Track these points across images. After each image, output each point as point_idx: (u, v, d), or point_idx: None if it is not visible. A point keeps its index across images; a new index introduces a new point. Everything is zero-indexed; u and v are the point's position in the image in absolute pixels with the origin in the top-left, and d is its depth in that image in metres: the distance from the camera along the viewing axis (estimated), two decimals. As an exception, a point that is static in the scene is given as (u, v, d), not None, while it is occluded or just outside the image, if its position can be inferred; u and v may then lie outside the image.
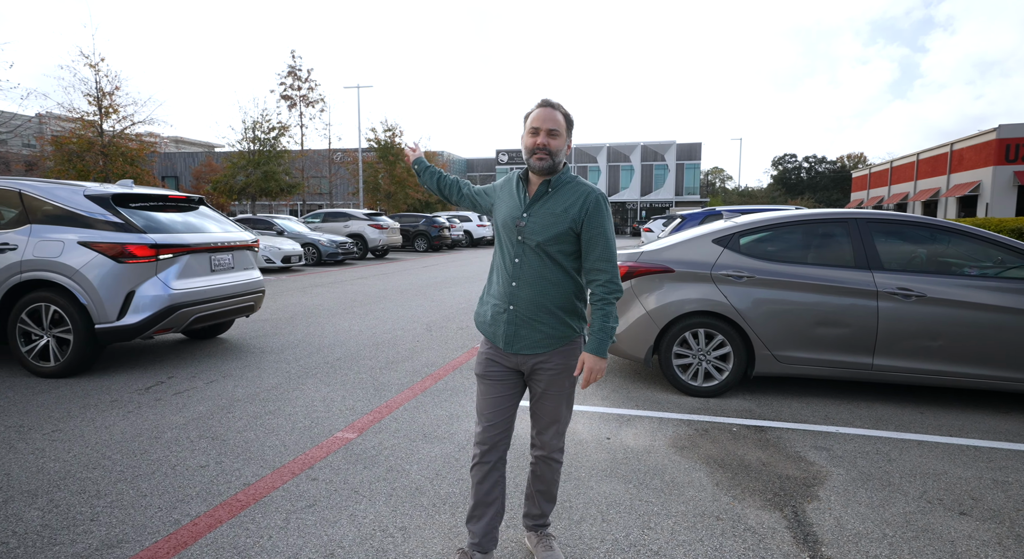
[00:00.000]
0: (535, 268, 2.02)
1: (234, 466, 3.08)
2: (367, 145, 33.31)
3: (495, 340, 2.09)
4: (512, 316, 2.04)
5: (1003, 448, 3.38)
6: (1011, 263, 4.01)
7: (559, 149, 1.99)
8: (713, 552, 2.32)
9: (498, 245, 2.13)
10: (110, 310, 4.68)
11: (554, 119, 1.98)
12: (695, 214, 9.42)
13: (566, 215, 1.99)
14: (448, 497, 2.77)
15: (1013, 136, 28.77)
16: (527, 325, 2.04)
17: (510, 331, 2.05)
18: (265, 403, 4.14)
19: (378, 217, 19.59)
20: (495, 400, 2.11)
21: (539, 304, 2.02)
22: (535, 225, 2.00)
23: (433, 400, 4.25)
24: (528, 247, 2.01)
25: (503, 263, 2.08)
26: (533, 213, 2.02)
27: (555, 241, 1.99)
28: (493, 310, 2.10)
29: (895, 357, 3.98)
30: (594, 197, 2.00)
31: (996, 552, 2.31)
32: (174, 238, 5.07)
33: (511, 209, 2.07)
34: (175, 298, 4.93)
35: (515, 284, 2.03)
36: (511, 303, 2.04)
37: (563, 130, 2.00)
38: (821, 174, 78.70)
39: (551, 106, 2.01)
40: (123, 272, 4.72)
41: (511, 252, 2.05)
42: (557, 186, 2.03)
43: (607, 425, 3.76)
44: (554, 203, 2.01)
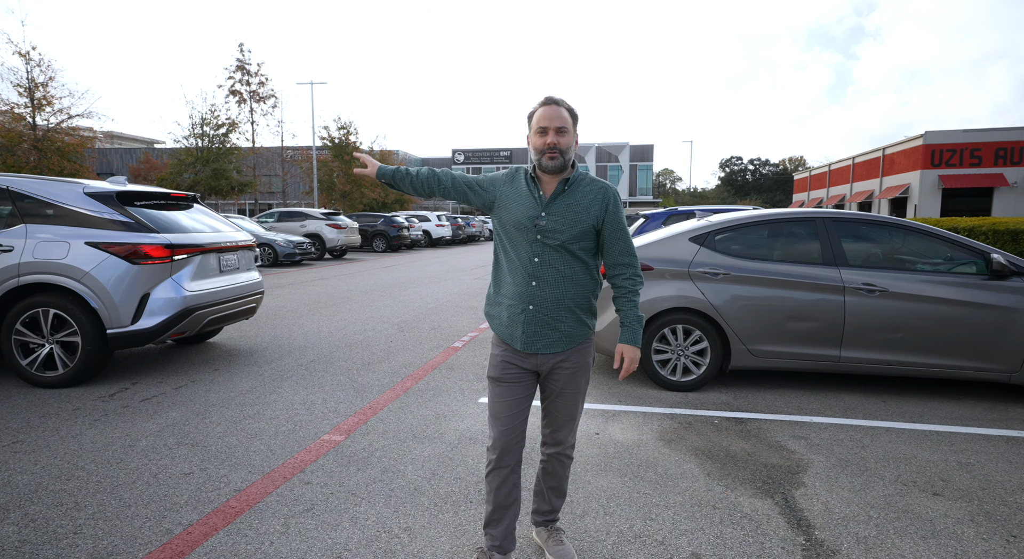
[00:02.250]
0: (556, 267, 1.99)
1: (220, 472, 2.97)
2: (321, 143, 32.52)
3: (512, 341, 2.06)
4: (532, 316, 2.01)
5: (961, 432, 3.62)
6: (961, 259, 4.31)
7: (569, 146, 1.98)
8: (715, 539, 2.40)
9: (509, 244, 2.07)
10: (124, 314, 4.40)
11: (561, 116, 1.96)
12: (658, 214, 9.65)
13: (588, 212, 1.99)
14: (448, 496, 2.75)
15: (938, 142, 30.81)
16: (547, 325, 2.02)
17: (529, 332, 2.02)
18: (242, 407, 4.00)
19: (336, 217, 19.17)
20: (512, 403, 2.08)
21: (560, 303, 2.00)
22: (558, 224, 1.97)
23: (417, 401, 4.20)
24: (549, 246, 1.99)
25: (519, 263, 2.02)
26: (553, 212, 1.99)
27: (578, 239, 1.98)
28: (510, 311, 2.05)
29: (860, 349, 4.21)
30: (612, 193, 2.03)
31: (970, 528, 2.49)
32: (187, 238, 4.84)
33: (525, 208, 2.02)
34: (190, 300, 4.69)
35: (535, 284, 2.00)
36: (531, 303, 2.01)
37: (570, 126, 1.99)
38: (765, 176, 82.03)
39: (556, 103, 1.98)
40: (137, 274, 4.45)
41: (528, 251, 2.01)
42: (573, 184, 2.02)
43: (594, 421, 3.82)
44: (573, 201, 2.00)
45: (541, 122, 1.97)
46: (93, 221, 4.50)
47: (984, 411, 4.03)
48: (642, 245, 4.64)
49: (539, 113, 1.99)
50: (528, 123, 2.05)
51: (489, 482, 2.13)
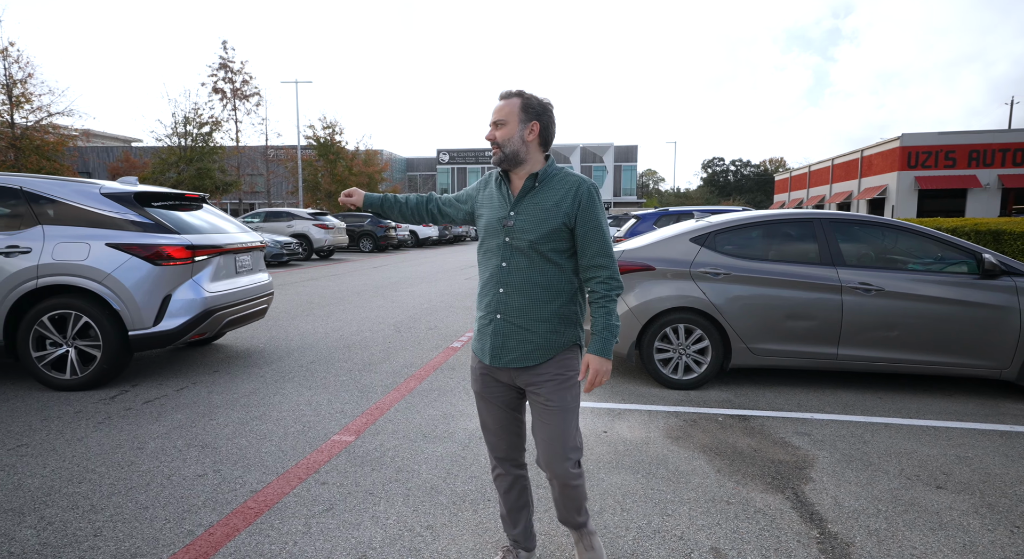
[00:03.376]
0: (524, 271, 1.84)
1: (234, 473, 2.95)
2: (306, 142, 32.23)
3: (481, 355, 1.93)
4: (500, 326, 1.87)
5: (958, 427, 3.74)
6: (952, 259, 4.44)
7: (507, 138, 1.83)
8: (732, 534, 2.45)
9: (483, 251, 1.94)
10: (146, 316, 4.39)
11: (500, 109, 1.85)
12: (649, 214, 9.78)
13: (557, 209, 1.82)
14: (466, 494, 2.77)
15: (914, 144, 31.53)
16: (516, 335, 1.86)
17: (496, 342, 1.88)
18: (248, 409, 3.98)
19: (323, 217, 19.03)
20: (497, 415, 2.00)
21: (529, 311, 1.84)
22: (524, 222, 1.83)
23: (423, 400, 4.21)
24: (517, 248, 1.84)
25: (489, 270, 1.90)
26: (520, 210, 1.85)
27: (548, 239, 1.82)
28: (480, 323, 1.95)
29: (857, 347, 4.32)
30: (586, 187, 1.84)
31: (975, 520, 2.58)
32: (206, 239, 4.83)
33: (495, 209, 1.91)
34: (210, 302, 4.69)
35: (503, 291, 1.86)
36: (498, 312, 1.87)
37: (512, 116, 1.83)
38: (747, 177, 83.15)
39: (503, 97, 1.87)
40: (160, 275, 4.43)
41: (498, 256, 1.87)
42: (544, 179, 1.87)
43: (601, 419, 3.86)
44: (543, 197, 1.85)
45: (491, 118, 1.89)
46: (112, 222, 4.46)
47: (977, 406, 4.15)
48: (644, 246, 4.70)
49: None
50: None
51: (498, 486, 2.10)
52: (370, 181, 34.23)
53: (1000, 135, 30.91)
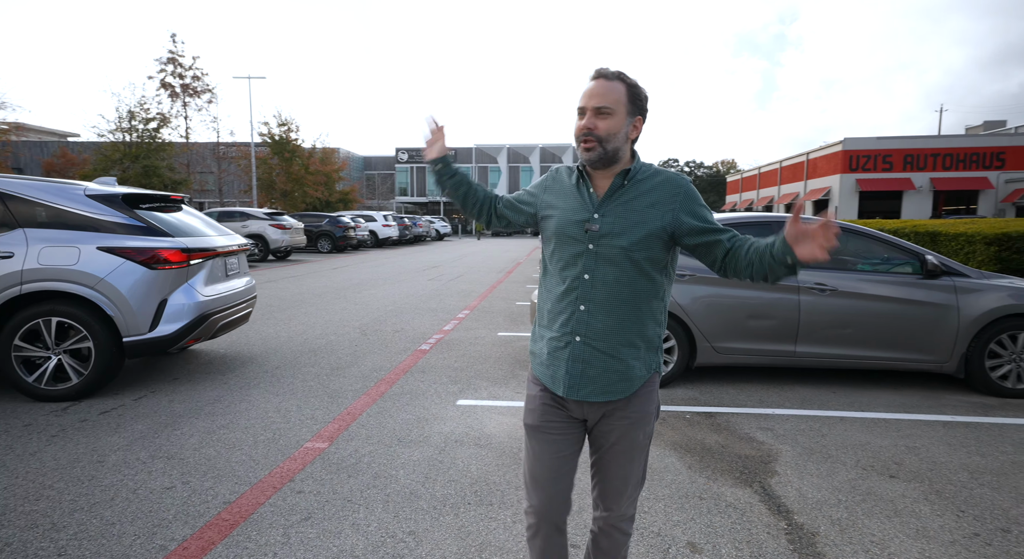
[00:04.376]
0: (611, 286, 1.54)
1: (204, 485, 2.87)
2: (260, 140, 31.29)
3: (553, 385, 1.60)
4: (578, 350, 1.56)
5: (906, 419, 3.98)
6: (898, 260, 4.72)
7: (612, 133, 1.51)
8: (706, 528, 2.55)
9: (554, 260, 1.63)
10: (142, 321, 4.25)
11: (603, 93, 1.51)
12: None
13: (654, 211, 1.54)
14: (447, 499, 2.78)
15: (855, 148, 33.14)
16: (598, 362, 1.55)
17: (575, 370, 1.56)
18: (213, 417, 3.85)
19: (280, 216, 18.52)
20: (554, 462, 1.61)
21: (615, 334, 1.55)
22: (613, 226, 1.53)
23: (395, 405, 4.18)
24: (603, 257, 1.54)
25: (565, 282, 1.58)
26: (607, 212, 1.55)
27: (642, 246, 1.52)
28: (551, 346, 1.61)
29: (813, 344, 4.53)
30: (686, 184, 1.58)
31: (926, 507, 2.76)
32: (199, 242, 4.72)
33: (573, 210, 1.59)
34: (205, 305, 4.60)
35: (584, 308, 1.55)
36: (576, 333, 1.56)
37: (620, 106, 1.52)
38: (700, 178, 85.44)
39: (602, 76, 1.54)
40: (156, 279, 4.31)
41: (577, 266, 1.56)
42: (635, 177, 1.58)
43: (574, 419, 3.92)
44: (635, 198, 1.56)
45: (581, 100, 1.55)
46: (102, 225, 4.30)
47: (921, 399, 4.43)
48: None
49: (583, 90, 1.56)
50: None
51: (531, 547, 1.71)
52: (327, 180, 33.53)
53: (931, 140, 32.82)
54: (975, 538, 2.46)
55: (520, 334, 6.83)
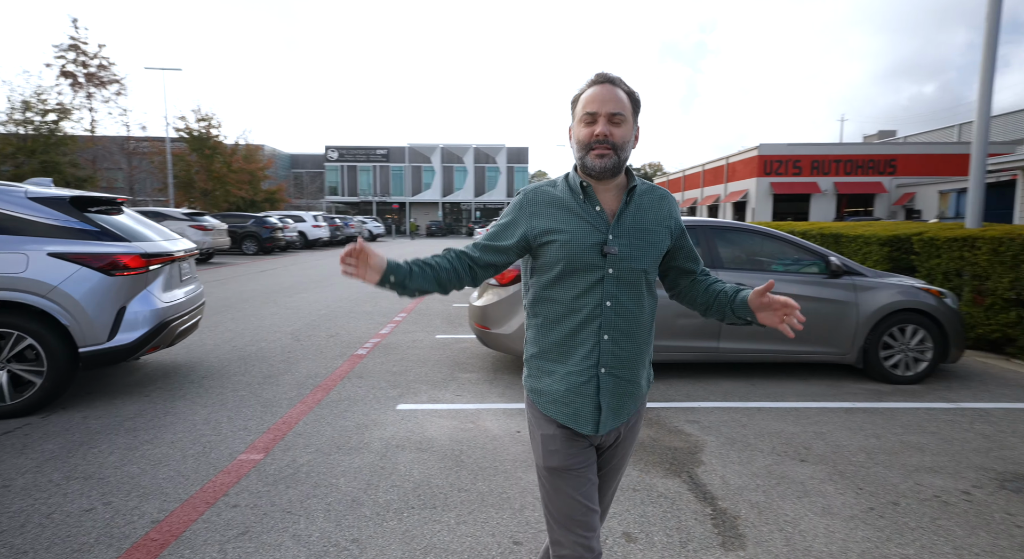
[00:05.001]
0: (632, 310, 1.47)
1: (129, 504, 2.73)
2: (177, 135, 29.44)
3: (577, 424, 1.47)
4: (606, 383, 1.47)
5: (813, 407, 4.35)
6: (806, 261, 5.14)
7: (626, 140, 1.45)
8: (640, 518, 2.70)
9: (560, 290, 1.48)
10: (99, 330, 4.04)
11: (616, 99, 1.43)
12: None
13: (660, 228, 1.52)
14: (390, 504, 2.79)
15: (769, 154, 35.36)
16: (623, 390, 1.49)
17: (606, 405, 1.47)
18: (134, 433, 3.65)
19: (201, 217, 17.54)
20: (588, 494, 1.47)
21: (637, 359, 1.50)
22: (630, 248, 1.46)
23: (332, 412, 4.11)
24: (623, 282, 1.45)
25: (579, 311, 1.46)
26: (622, 233, 1.46)
27: (655, 265, 1.52)
28: (569, 382, 1.47)
29: (734, 341, 4.86)
30: (671, 198, 1.58)
31: (831, 486, 3.05)
32: (156, 246, 4.52)
33: (585, 233, 1.45)
34: (165, 312, 4.42)
35: (608, 337, 1.45)
36: (602, 365, 1.46)
37: (629, 114, 1.45)
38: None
39: (611, 82, 1.45)
40: (114, 286, 4.09)
41: (597, 294, 1.45)
42: (640, 193, 1.53)
43: (512, 420, 4.02)
44: (642, 215, 1.50)
45: (589, 106, 1.44)
46: (51, 230, 4.03)
47: (826, 388, 4.84)
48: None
49: (587, 95, 1.46)
50: (571, 111, 1.52)
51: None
52: (252, 178, 32.03)
53: (834, 147, 35.55)
54: (871, 512, 2.76)
55: (459, 336, 6.86)
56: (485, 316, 5.00)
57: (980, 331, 6.15)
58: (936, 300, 4.97)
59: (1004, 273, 5.82)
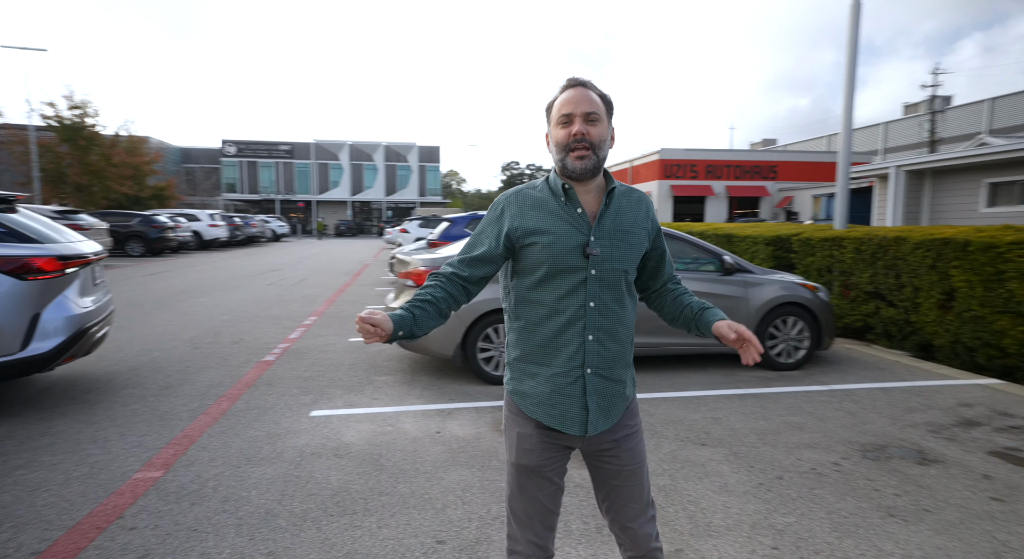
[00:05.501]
0: (615, 311, 1.50)
1: (3, 537, 2.45)
2: (44, 123, 26.34)
3: (564, 425, 1.49)
4: (592, 384, 1.49)
5: (712, 395, 4.72)
6: (704, 260, 5.56)
7: (602, 139, 1.48)
8: (558, 507, 2.82)
9: (543, 291, 1.50)
10: (11, 340, 3.69)
11: (589, 100, 1.47)
12: (461, 217, 10.19)
13: (638, 228, 1.55)
14: (307, 513, 2.71)
15: (669, 158, 37.57)
16: (610, 391, 1.52)
17: (593, 406, 1.49)
18: (4, 457, 3.27)
19: (75, 215, 15.85)
20: (550, 496, 1.54)
21: (620, 358, 1.54)
22: (611, 249, 1.49)
23: (239, 422, 3.91)
24: (605, 282, 1.49)
25: (563, 312, 1.48)
26: (602, 234, 1.49)
27: (635, 265, 1.55)
28: (554, 384, 1.49)
29: (643, 335, 5.16)
30: (648, 200, 1.62)
31: (727, 466, 3.34)
32: (70, 248, 4.09)
33: (567, 234, 1.48)
34: (83, 318, 4.05)
35: (593, 338, 1.48)
36: (588, 366, 1.48)
37: (603, 115, 1.49)
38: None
39: (583, 85, 1.50)
40: (27, 291, 3.73)
41: (581, 294, 1.48)
42: (619, 195, 1.56)
43: (432, 421, 4.02)
44: (621, 217, 1.54)
45: (564, 108, 1.47)
46: None
47: (723, 377, 5.27)
48: (465, 252, 4.98)
49: (561, 99, 1.49)
50: (547, 117, 1.55)
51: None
52: (137, 173, 29.34)
53: (726, 153, 38.39)
54: (760, 486, 3.05)
55: (372, 339, 6.72)
56: (401, 318, 4.95)
57: (846, 321, 6.94)
58: (811, 294, 5.56)
59: (864, 269, 6.61)
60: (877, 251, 6.45)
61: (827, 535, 2.57)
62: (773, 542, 2.52)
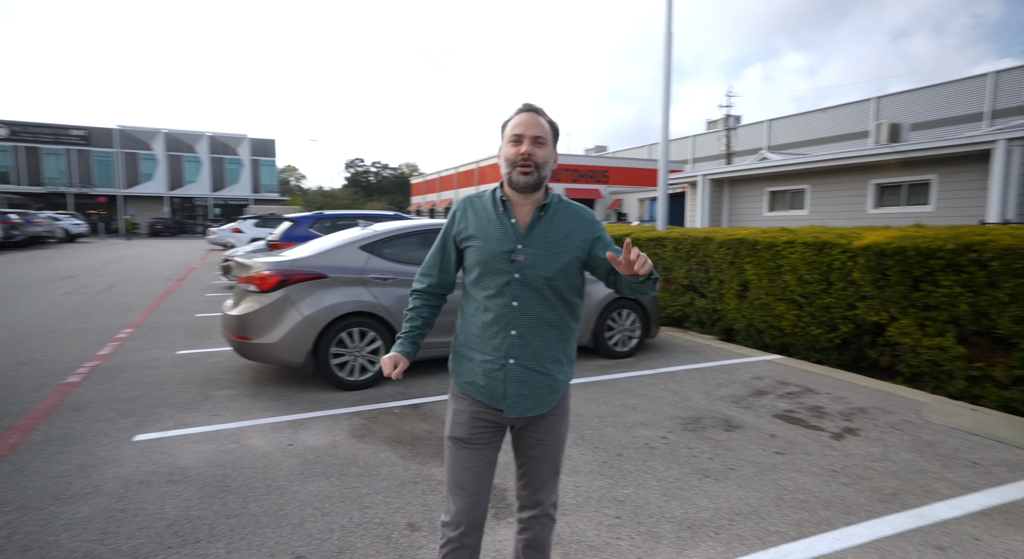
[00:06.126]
0: (538, 310, 1.70)
1: None
2: None
3: (492, 401, 1.73)
4: (513, 372, 1.70)
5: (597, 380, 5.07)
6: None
7: (546, 160, 1.70)
8: (422, 508, 2.86)
9: (478, 285, 1.74)
10: None
11: (539, 125, 1.69)
12: (304, 217, 9.63)
13: (570, 241, 1.73)
14: (138, 550, 2.43)
15: (515, 163, 39.27)
16: (532, 380, 1.72)
17: (513, 390, 1.71)
18: None
19: None
20: (481, 469, 1.75)
21: (544, 353, 1.72)
22: (536, 257, 1.68)
23: (38, 457, 3.34)
24: (529, 286, 1.68)
25: (493, 308, 1.70)
26: (529, 243, 1.69)
27: (562, 274, 1.71)
28: (485, 368, 1.72)
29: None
30: (592, 217, 1.79)
31: (575, 449, 3.63)
32: None
33: (497, 241, 1.70)
34: None
35: (515, 333, 1.69)
36: (510, 356, 1.70)
37: (550, 139, 1.72)
38: (387, 179, 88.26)
39: (535, 111, 1.72)
40: None
41: (506, 295, 1.69)
42: (552, 210, 1.75)
43: (282, 433, 3.80)
44: (552, 229, 1.72)
45: (516, 129, 1.69)
46: None
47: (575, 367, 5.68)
48: (315, 254, 4.76)
49: (514, 120, 1.71)
50: (501, 134, 1.76)
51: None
52: None
53: (565, 158, 40.85)
54: (604, 464, 3.39)
55: (208, 350, 6.11)
56: (244, 326, 4.58)
57: (668, 311, 7.90)
58: (641, 289, 6.24)
59: (681, 265, 7.59)
60: (691, 250, 7.43)
61: (658, 500, 2.95)
62: (616, 512, 2.83)
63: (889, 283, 4.98)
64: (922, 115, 31.35)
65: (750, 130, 43.30)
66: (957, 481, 3.16)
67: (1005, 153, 10.12)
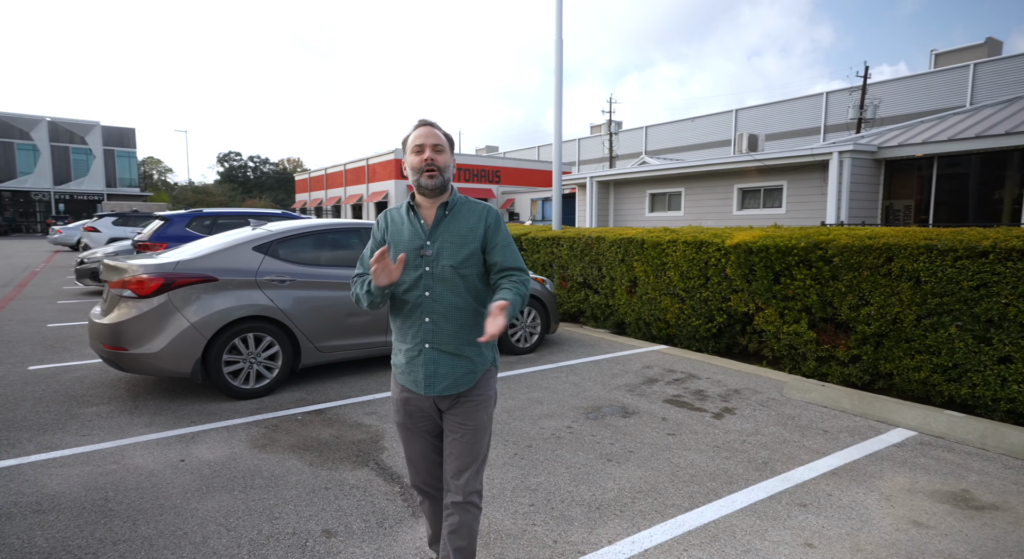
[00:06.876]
0: (448, 298, 1.91)
1: None
2: None
3: (415, 387, 1.95)
4: (429, 356, 1.92)
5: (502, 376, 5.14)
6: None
7: (446, 165, 1.96)
8: (337, 513, 2.80)
9: (397, 284, 1.95)
10: None
11: (436, 135, 1.95)
12: (180, 215, 8.82)
13: (473, 234, 1.96)
14: None
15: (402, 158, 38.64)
16: (447, 362, 1.93)
17: (429, 371, 1.92)
18: None
19: None
20: (424, 446, 2.05)
21: (457, 337, 1.92)
22: (444, 249, 1.92)
23: None
24: (438, 277, 1.91)
25: (410, 300, 1.93)
26: (436, 238, 1.94)
27: (468, 263, 1.93)
28: (407, 356, 1.95)
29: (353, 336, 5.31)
30: (494, 213, 2.02)
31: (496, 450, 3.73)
32: None
33: (409, 240, 1.94)
34: None
35: (429, 320, 1.91)
36: (426, 341, 1.92)
37: (447, 147, 1.98)
38: (267, 174, 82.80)
39: (431, 124, 1.99)
40: None
41: (419, 287, 1.91)
42: (455, 207, 1.99)
43: (171, 449, 3.52)
44: (456, 224, 1.96)
45: (417, 140, 1.94)
46: None
47: (473, 365, 5.77)
48: (203, 255, 4.42)
49: (414, 135, 1.97)
50: (403, 149, 2.02)
51: (424, 510, 2.21)
52: None
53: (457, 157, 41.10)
54: (515, 457, 3.52)
55: (67, 364, 5.43)
56: (119, 335, 4.14)
57: (565, 307, 8.26)
58: (541, 286, 6.48)
59: (576, 264, 7.98)
60: (585, 248, 7.84)
61: (568, 485, 3.13)
62: (530, 500, 2.96)
63: (755, 277, 5.62)
64: (774, 127, 35.36)
65: (630, 135, 46.09)
66: (813, 447, 3.67)
67: (838, 164, 11.75)
